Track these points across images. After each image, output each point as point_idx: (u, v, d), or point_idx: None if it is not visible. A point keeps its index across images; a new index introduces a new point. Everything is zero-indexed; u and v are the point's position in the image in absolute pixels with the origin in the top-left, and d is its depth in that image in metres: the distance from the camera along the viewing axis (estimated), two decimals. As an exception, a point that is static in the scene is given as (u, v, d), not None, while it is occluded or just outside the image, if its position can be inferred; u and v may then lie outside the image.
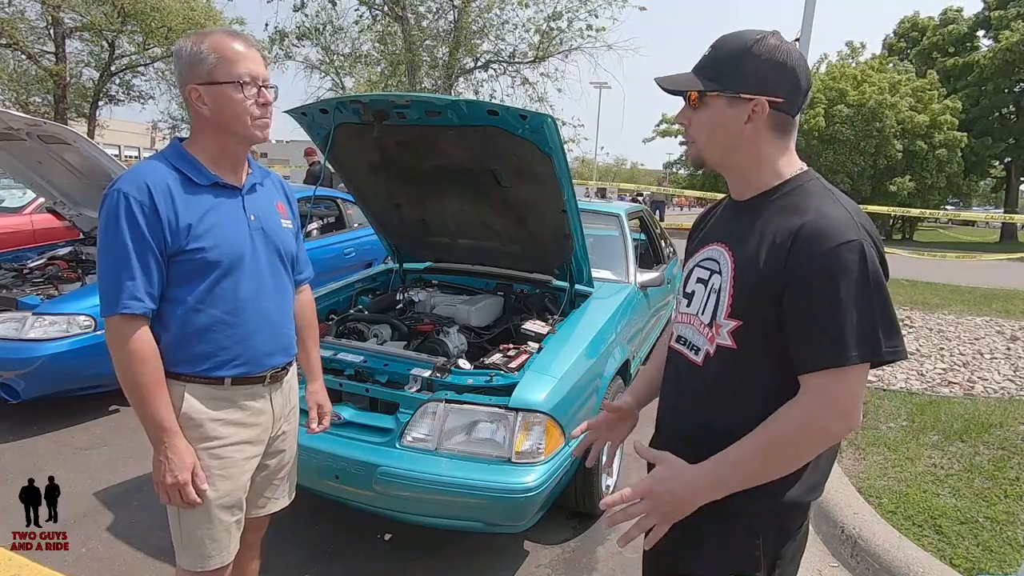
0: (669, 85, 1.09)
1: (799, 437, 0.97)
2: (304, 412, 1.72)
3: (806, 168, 1.09)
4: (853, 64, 22.12)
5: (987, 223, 23.24)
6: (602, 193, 21.46)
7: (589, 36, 13.16)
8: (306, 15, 13.59)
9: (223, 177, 1.40)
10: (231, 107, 1.34)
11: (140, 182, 1.29)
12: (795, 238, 0.97)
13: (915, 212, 15.37)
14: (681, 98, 1.10)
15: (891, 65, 21.65)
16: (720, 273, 1.08)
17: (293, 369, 1.62)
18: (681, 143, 25.15)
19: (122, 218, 1.27)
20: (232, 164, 1.43)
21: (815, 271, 0.95)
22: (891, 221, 19.76)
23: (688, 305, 1.15)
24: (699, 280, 1.13)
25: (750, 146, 1.06)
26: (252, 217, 1.44)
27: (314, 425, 1.73)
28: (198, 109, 1.35)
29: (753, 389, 1.04)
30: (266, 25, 18.78)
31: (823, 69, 21.50)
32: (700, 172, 17.87)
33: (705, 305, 1.09)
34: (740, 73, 1.02)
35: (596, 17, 13.00)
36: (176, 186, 1.33)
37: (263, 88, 1.38)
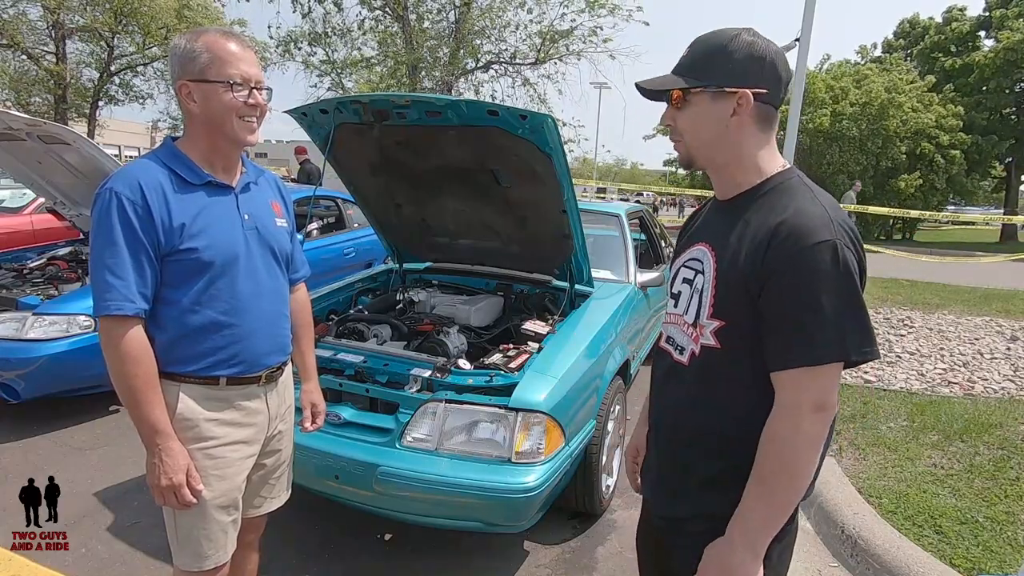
0: (652, 87, 1.09)
1: (790, 450, 0.98)
2: (299, 411, 1.72)
3: (788, 166, 1.10)
4: (862, 62, 22.14)
5: (987, 223, 23.22)
6: (602, 194, 21.49)
7: (591, 41, 13.14)
8: (313, 20, 13.57)
9: (216, 176, 1.40)
10: (219, 107, 1.34)
11: (132, 181, 1.29)
12: (772, 236, 0.98)
13: (915, 214, 15.39)
14: (665, 102, 1.11)
15: (893, 67, 21.63)
16: (703, 273, 1.08)
17: (288, 368, 1.62)
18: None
19: (115, 218, 1.26)
20: (224, 163, 1.43)
21: (789, 269, 0.96)
22: (891, 221, 19.74)
23: (675, 306, 1.16)
24: (684, 280, 1.13)
25: (736, 140, 1.06)
26: (246, 216, 1.43)
27: (307, 424, 1.73)
28: (188, 106, 1.36)
29: (738, 387, 1.04)
30: (268, 26, 18.65)
31: (825, 68, 21.48)
32: (699, 173, 17.90)
33: (689, 305, 1.10)
34: (721, 68, 1.03)
35: (601, 29, 12.97)
36: (169, 185, 1.32)
37: (255, 90, 1.37)
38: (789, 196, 1.03)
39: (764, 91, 1.03)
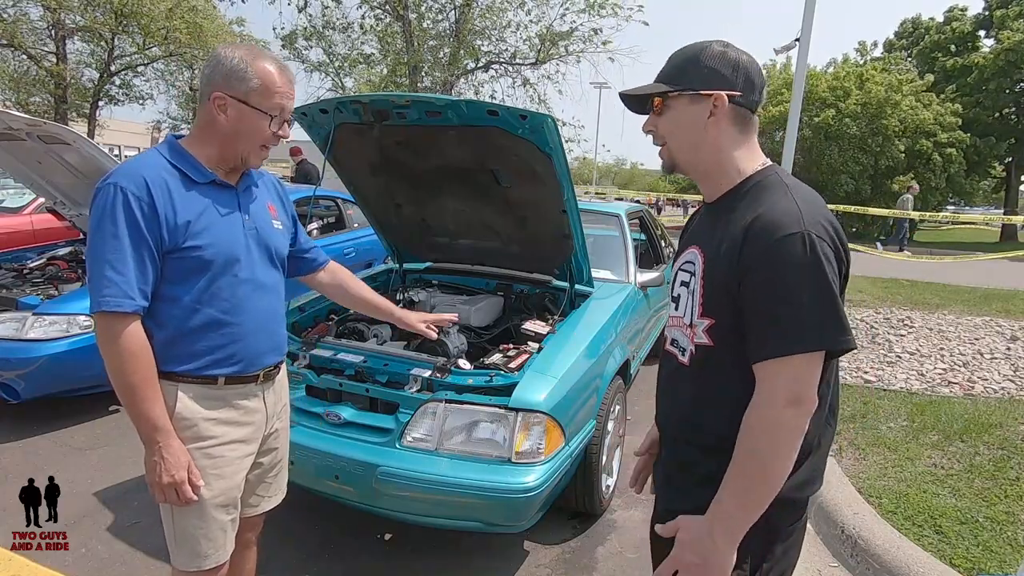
0: (634, 93, 1.15)
1: (764, 442, 0.99)
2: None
3: (768, 163, 1.13)
4: (861, 61, 22.15)
5: (987, 224, 23.21)
6: (602, 196, 21.50)
7: (591, 42, 13.12)
8: (310, 15, 13.56)
9: (219, 176, 1.41)
10: (249, 130, 1.37)
11: (138, 178, 1.28)
12: (747, 232, 1.01)
13: (914, 215, 15.41)
14: (647, 113, 1.16)
15: (893, 66, 21.62)
16: (695, 275, 1.12)
17: (284, 367, 1.63)
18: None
19: (119, 213, 1.25)
20: (228, 168, 1.44)
21: (762, 263, 0.99)
22: (891, 221, 19.74)
23: (675, 308, 1.19)
24: (682, 283, 1.17)
25: (714, 141, 1.11)
26: (246, 217, 1.44)
27: (432, 333, 2.01)
28: (215, 116, 1.36)
29: (727, 385, 1.07)
30: (274, 28, 18.66)
31: (831, 71, 21.49)
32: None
33: (686, 307, 1.14)
34: (697, 73, 1.09)
35: (600, 31, 12.95)
36: (174, 183, 1.33)
37: (285, 122, 1.42)
38: (766, 193, 1.06)
39: (738, 94, 1.08)
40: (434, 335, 2.04)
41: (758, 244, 0.99)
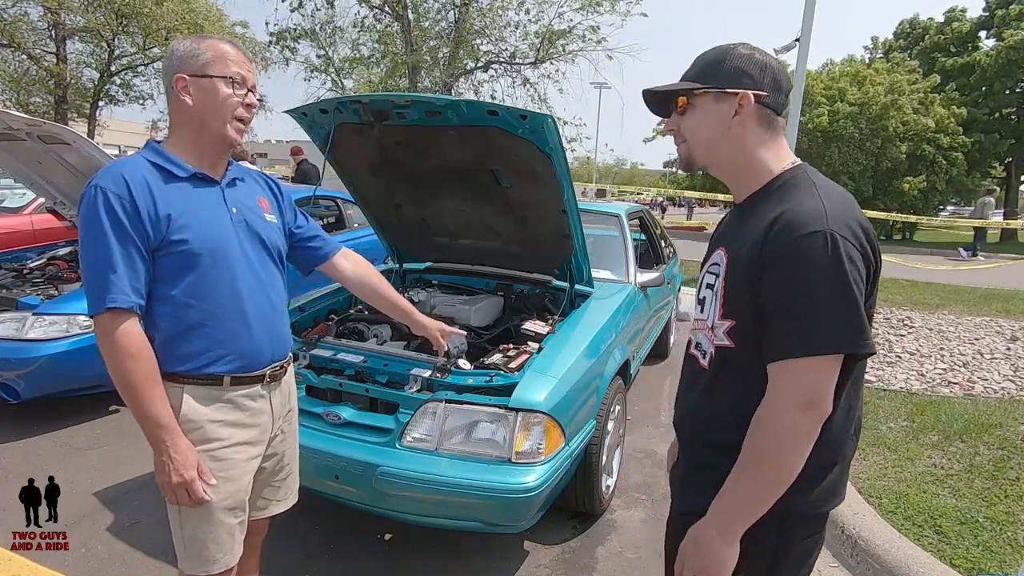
0: (659, 90, 1.14)
1: (772, 444, 0.98)
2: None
3: (798, 163, 1.12)
4: (868, 58, 22.13)
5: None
6: (601, 195, 21.48)
7: (590, 40, 13.13)
8: (303, 15, 13.57)
9: (201, 170, 1.40)
10: (214, 101, 1.36)
11: (117, 176, 1.29)
12: (768, 230, 1.00)
13: (913, 218, 15.44)
14: (669, 115, 1.16)
15: (897, 66, 21.61)
16: (719, 276, 1.10)
17: (291, 369, 1.62)
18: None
19: (101, 213, 1.25)
20: (210, 161, 1.43)
21: (781, 261, 0.97)
22: (891, 222, 19.76)
23: (701, 311, 1.17)
24: (707, 286, 1.15)
25: (739, 139, 1.09)
26: (234, 210, 1.43)
27: (447, 345, 2.00)
28: (181, 99, 1.36)
29: (748, 386, 1.05)
30: (266, 24, 18.56)
31: (827, 71, 21.50)
32: (700, 174, 17.84)
33: (710, 309, 1.12)
34: (724, 72, 1.08)
35: (597, 29, 12.96)
36: (154, 179, 1.32)
37: (251, 91, 1.41)
38: (793, 191, 1.05)
39: (764, 94, 1.07)
40: (445, 347, 2.05)
41: (779, 241, 0.97)
